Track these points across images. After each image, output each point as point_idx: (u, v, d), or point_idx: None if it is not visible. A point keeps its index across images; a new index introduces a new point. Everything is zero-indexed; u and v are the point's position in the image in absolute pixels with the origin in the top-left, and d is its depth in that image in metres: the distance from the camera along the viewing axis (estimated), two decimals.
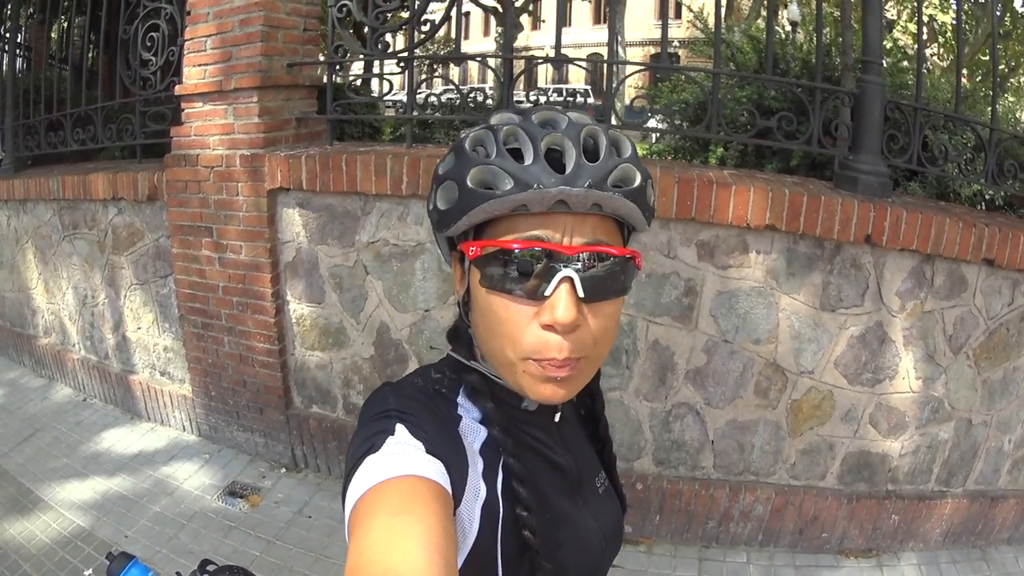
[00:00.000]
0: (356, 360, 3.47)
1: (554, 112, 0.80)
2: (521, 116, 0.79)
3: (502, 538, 0.82)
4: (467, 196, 0.76)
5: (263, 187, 3.31)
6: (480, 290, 0.80)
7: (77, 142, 4.32)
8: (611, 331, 0.82)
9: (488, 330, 0.81)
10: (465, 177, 0.76)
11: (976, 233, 2.85)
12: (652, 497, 3.15)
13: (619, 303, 0.82)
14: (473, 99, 3.47)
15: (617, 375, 3.08)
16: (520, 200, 0.74)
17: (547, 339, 0.76)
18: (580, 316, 0.76)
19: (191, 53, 3.43)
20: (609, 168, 0.75)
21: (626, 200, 0.76)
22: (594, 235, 0.77)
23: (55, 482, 3.55)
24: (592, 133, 0.78)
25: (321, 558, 3.05)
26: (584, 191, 0.73)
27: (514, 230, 0.77)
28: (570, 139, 0.76)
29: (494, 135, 0.77)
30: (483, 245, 0.78)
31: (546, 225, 0.76)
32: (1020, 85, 10.89)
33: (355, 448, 0.77)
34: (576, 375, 0.79)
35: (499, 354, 0.80)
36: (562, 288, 0.74)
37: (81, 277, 4.32)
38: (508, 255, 0.76)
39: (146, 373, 4.17)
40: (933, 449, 3.13)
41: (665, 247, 2.93)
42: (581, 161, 0.74)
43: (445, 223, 0.80)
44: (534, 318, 0.76)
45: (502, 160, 0.75)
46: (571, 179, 0.73)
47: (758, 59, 4.10)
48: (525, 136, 0.76)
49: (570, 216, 0.76)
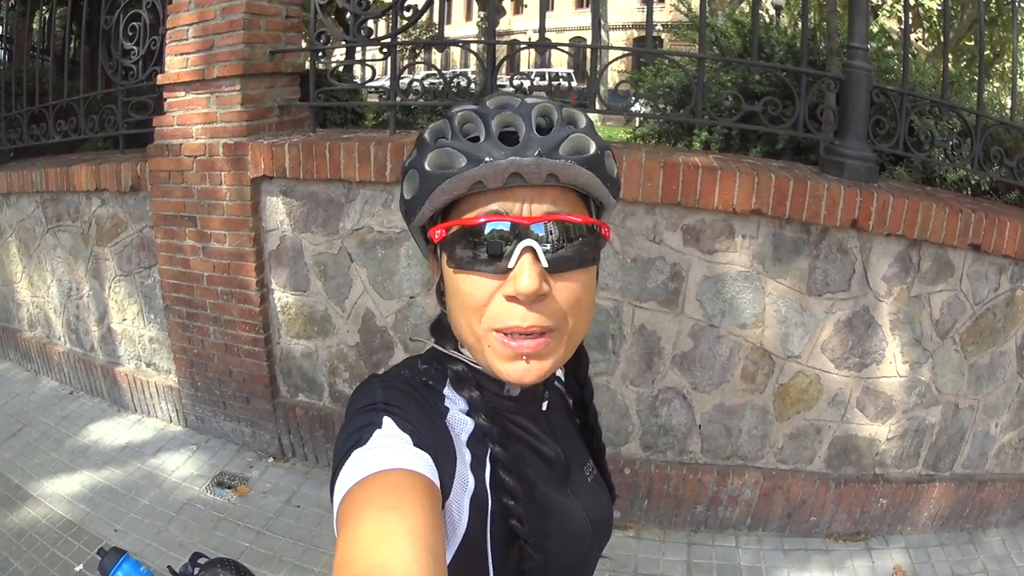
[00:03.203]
0: (342, 348, 3.45)
1: (509, 97, 0.81)
2: (478, 103, 0.81)
3: (491, 530, 0.81)
4: (427, 180, 0.78)
5: (246, 176, 3.28)
6: (449, 272, 0.81)
7: (60, 134, 4.27)
8: (584, 304, 0.81)
9: (457, 309, 0.81)
10: (424, 163, 0.78)
11: (962, 218, 2.85)
12: (640, 482, 3.15)
13: (589, 274, 0.82)
14: (456, 84, 3.45)
15: (603, 360, 3.08)
16: (475, 176, 0.75)
17: (511, 308, 0.76)
18: (545, 286, 0.76)
19: (173, 42, 3.39)
20: (560, 138, 0.76)
21: (581, 168, 0.77)
22: (555, 205, 0.78)
23: (43, 477, 3.52)
24: (544, 111, 0.79)
25: (310, 548, 3.04)
26: (535, 159, 0.74)
27: (474, 208, 0.78)
28: (522, 116, 0.77)
29: (450, 123, 0.79)
30: (447, 226, 0.79)
31: (504, 198, 0.77)
32: (1005, 71, 10.91)
33: (342, 441, 0.77)
34: (545, 351, 0.79)
35: (467, 331, 0.81)
36: (525, 258, 0.75)
37: (65, 270, 4.29)
38: (470, 232, 0.77)
39: (132, 365, 4.15)
40: (920, 433, 3.14)
41: (651, 232, 2.93)
42: (531, 134, 0.76)
43: (412, 211, 0.81)
44: (498, 290, 0.77)
45: (456, 141, 0.77)
46: (521, 150, 0.75)
47: (742, 43, 4.10)
48: (478, 118, 0.78)
49: (528, 189, 0.77)
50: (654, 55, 3.86)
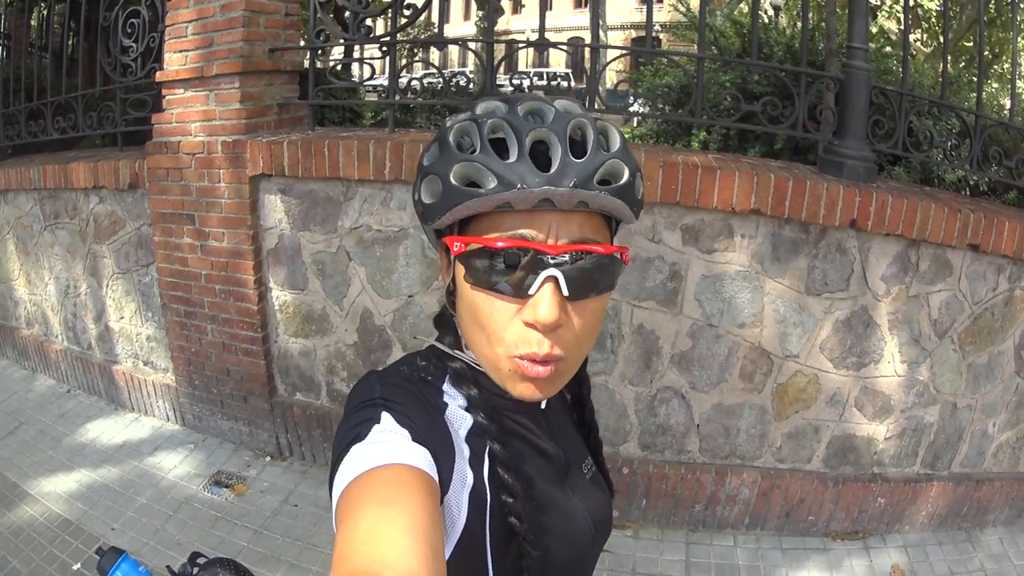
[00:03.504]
0: (339, 347, 3.45)
1: (541, 103, 0.78)
2: (508, 106, 0.77)
3: (490, 525, 0.81)
4: (450, 192, 0.75)
5: (245, 174, 3.27)
6: (465, 285, 0.79)
7: (58, 131, 4.26)
8: (594, 329, 0.81)
9: (472, 324, 0.81)
10: (449, 173, 0.75)
11: (961, 218, 2.85)
12: (638, 481, 3.15)
13: (604, 299, 0.81)
14: (455, 83, 3.45)
15: (602, 359, 3.08)
16: (504, 199, 0.72)
17: (528, 335, 0.76)
18: (563, 315, 0.75)
19: (172, 39, 3.38)
20: (596, 165, 0.74)
21: (612, 198, 0.75)
22: (580, 232, 0.76)
23: (41, 475, 3.51)
24: (580, 125, 0.76)
25: (308, 547, 3.04)
26: (569, 191, 0.72)
27: (498, 227, 0.75)
28: (556, 133, 0.74)
29: (479, 128, 0.76)
30: (467, 241, 0.77)
31: (531, 222, 0.74)
32: (1004, 72, 10.93)
33: (341, 437, 0.76)
34: (555, 376, 0.79)
35: (482, 348, 0.81)
36: (546, 287, 0.74)
37: (63, 267, 4.28)
38: (492, 253, 0.75)
39: (129, 363, 4.14)
40: (918, 432, 3.14)
41: (650, 231, 2.92)
42: (567, 159, 0.73)
43: (430, 216, 0.79)
44: (517, 315, 0.76)
45: (486, 156, 0.74)
46: (556, 178, 0.72)
47: (741, 43, 4.09)
48: (510, 130, 0.74)
49: (555, 213, 0.75)
50: (653, 55, 3.86)
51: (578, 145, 0.75)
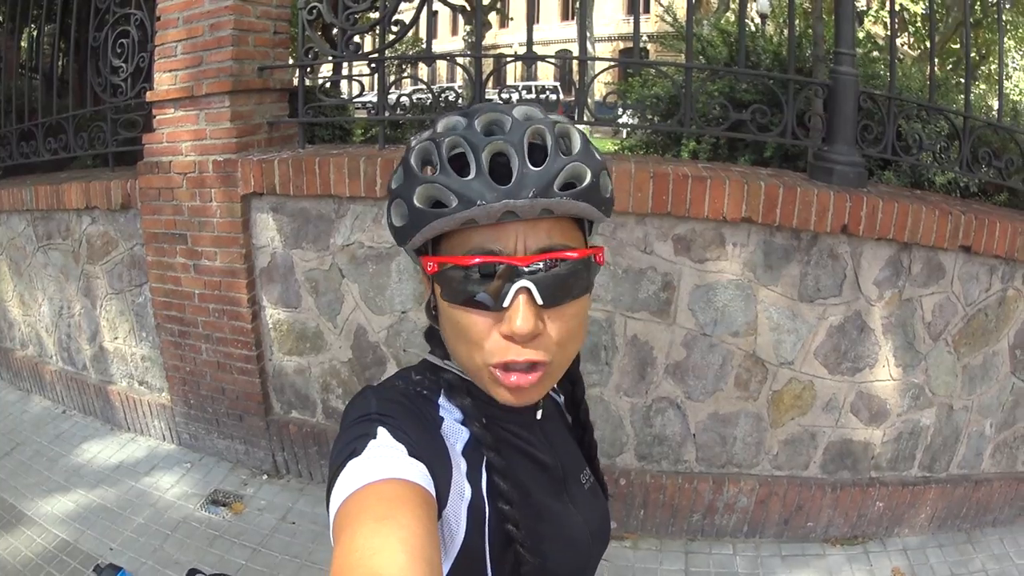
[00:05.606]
0: (334, 364, 3.44)
1: (499, 113, 0.78)
2: (467, 120, 0.78)
3: (489, 538, 0.81)
4: (416, 214, 0.77)
5: (236, 192, 3.27)
6: (443, 302, 0.80)
7: (49, 151, 4.26)
8: (577, 330, 0.82)
9: (453, 338, 0.82)
10: (412, 196, 0.77)
11: (952, 221, 2.86)
12: (636, 492, 3.15)
13: (584, 301, 0.82)
14: (444, 98, 3.45)
15: (597, 371, 3.08)
16: (467, 216, 0.74)
17: (507, 345, 0.77)
18: (539, 324, 0.76)
19: (161, 59, 3.39)
20: (556, 170, 0.74)
21: (576, 202, 0.76)
22: (549, 239, 0.77)
23: (38, 496, 3.50)
24: (539, 132, 0.77)
25: (306, 564, 3.03)
26: (529, 201, 0.73)
27: (468, 242, 0.77)
28: (513, 144, 0.75)
29: (437, 147, 0.77)
30: (439, 261, 0.78)
31: (497, 236, 0.76)
32: (991, 73, 10.99)
33: (338, 452, 0.76)
34: (538, 383, 0.80)
35: (466, 360, 0.82)
36: (519, 299, 0.75)
37: (56, 288, 4.27)
38: (465, 269, 0.76)
39: (124, 383, 4.13)
40: (915, 435, 3.14)
41: (641, 242, 2.93)
42: (525, 169, 0.74)
43: (402, 238, 0.81)
44: (495, 327, 0.77)
45: (446, 176, 0.75)
46: (515, 190, 0.73)
47: (729, 52, 4.11)
48: (468, 146, 0.75)
49: (521, 224, 0.76)
50: (641, 65, 3.88)
51: (538, 151, 0.76)
